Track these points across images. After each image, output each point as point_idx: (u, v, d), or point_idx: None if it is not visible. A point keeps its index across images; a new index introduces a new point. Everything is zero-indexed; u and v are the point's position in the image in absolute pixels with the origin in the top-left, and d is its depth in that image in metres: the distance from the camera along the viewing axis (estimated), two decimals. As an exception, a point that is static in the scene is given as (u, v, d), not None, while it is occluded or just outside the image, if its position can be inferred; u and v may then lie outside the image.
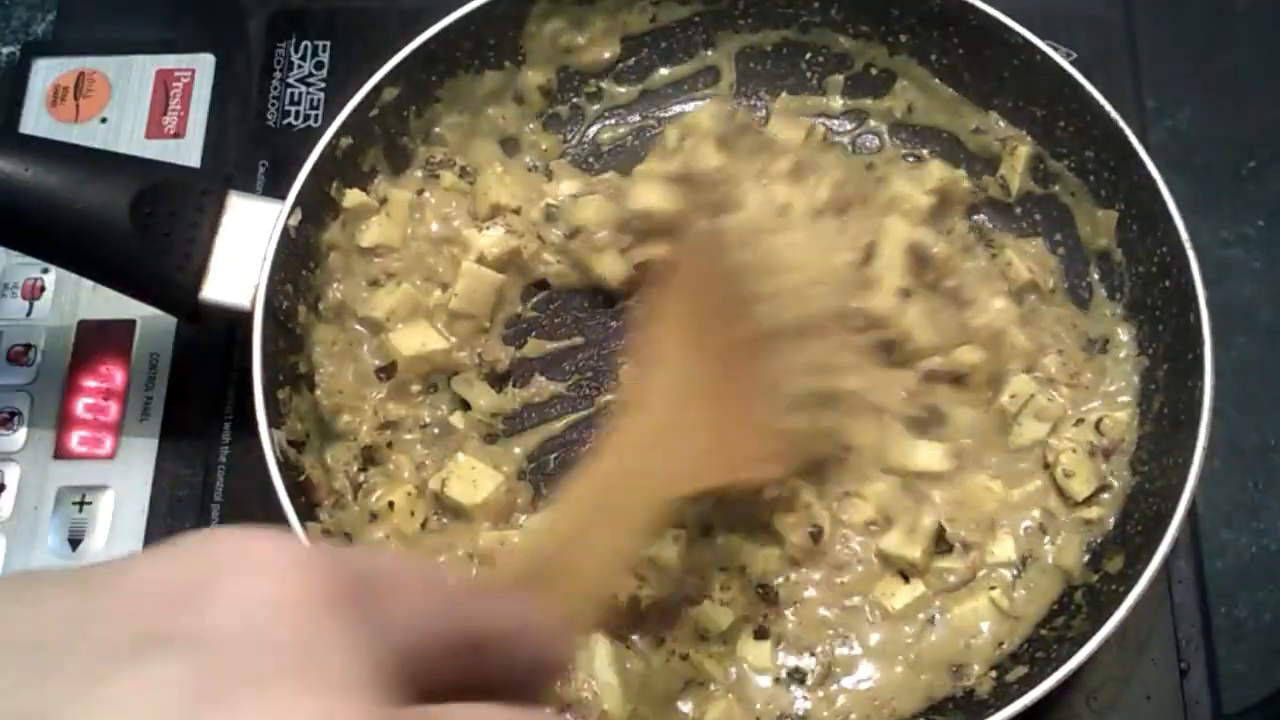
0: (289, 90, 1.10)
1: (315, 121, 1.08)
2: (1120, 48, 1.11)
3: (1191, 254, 0.89)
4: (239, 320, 0.88)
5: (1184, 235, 0.90)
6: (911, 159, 1.04)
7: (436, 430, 0.94)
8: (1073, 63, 0.95)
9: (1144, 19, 1.13)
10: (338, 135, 0.92)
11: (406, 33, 0.95)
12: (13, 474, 0.95)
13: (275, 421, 0.85)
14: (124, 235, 0.83)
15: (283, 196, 0.89)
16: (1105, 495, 0.90)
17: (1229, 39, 1.15)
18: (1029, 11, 0.98)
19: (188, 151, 1.06)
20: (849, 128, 1.06)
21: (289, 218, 0.88)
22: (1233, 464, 0.97)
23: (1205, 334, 0.87)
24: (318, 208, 0.92)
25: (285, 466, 0.83)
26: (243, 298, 0.87)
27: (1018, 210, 1.02)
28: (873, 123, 1.06)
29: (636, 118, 1.07)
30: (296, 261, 0.91)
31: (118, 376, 0.98)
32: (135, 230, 0.83)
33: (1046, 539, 0.90)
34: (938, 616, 0.87)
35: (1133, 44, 1.11)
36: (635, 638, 0.87)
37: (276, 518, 0.83)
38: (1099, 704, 0.88)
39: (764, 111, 1.06)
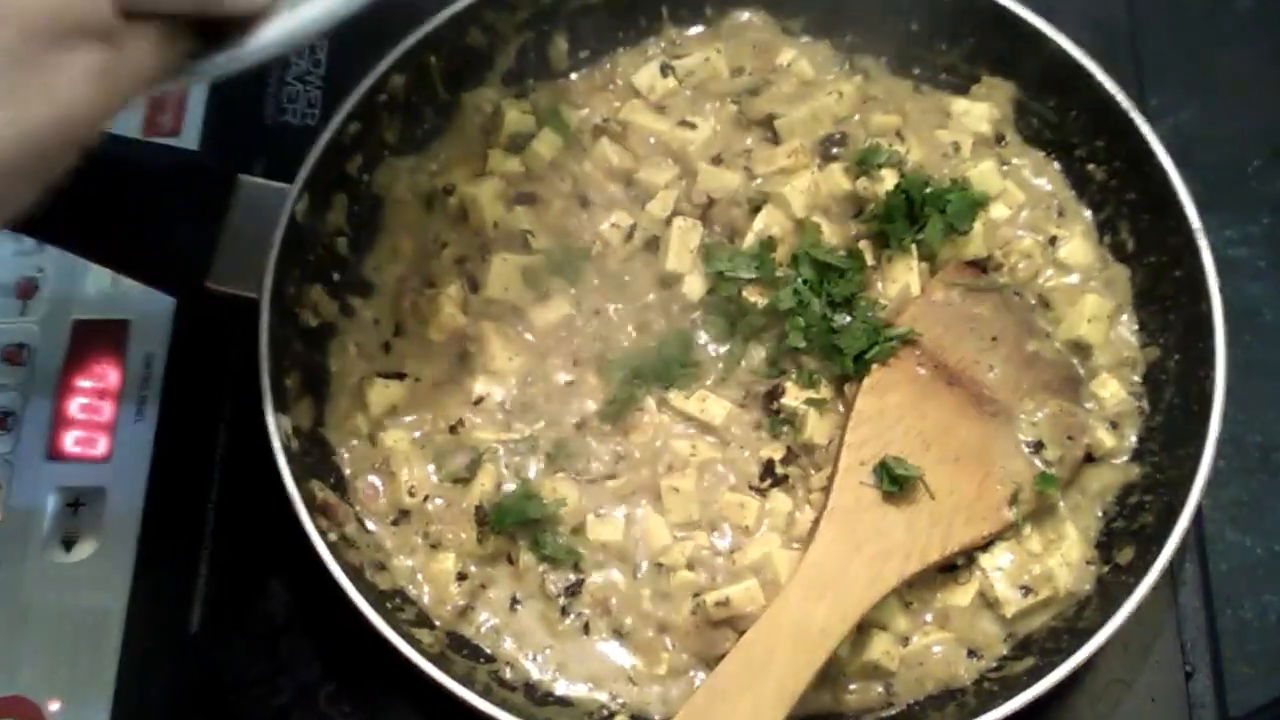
0: (286, 88, 1.09)
1: (312, 119, 1.07)
2: (1123, 46, 1.10)
3: (1203, 242, 0.89)
4: (244, 304, 0.87)
5: (1195, 224, 0.89)
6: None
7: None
8: (1075, 61, 0.95)
9: (1146, 18, 1.12)
10: (346, 121, 0.92)
11: (404, 30, 0.95)
12: (5, 475, 0.94)
13: (281, 406, 0.85)
14: (132, 217, 0.83)
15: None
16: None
17: (1231, 38, 1.15)
18: (1032, 10, 0.97)
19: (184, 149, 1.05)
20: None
21: (296, 203, 0.88)
22: (1238, 465, 0.97)
23: (1217, 322, 0.87)
24: (326, 192, 0.92)
25: (289, 453, 0.83)
26: (250, 282, 0.86)
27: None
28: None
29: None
30: (303, 246, 0.91)
31: (112, 376, 0.97)
32: (144, 213, 0.83)
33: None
34: None
35: (1135, 43, 1.11)
36: None
37: (274, 522, 0.83)
38: (1104, 706, 0.88)
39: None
